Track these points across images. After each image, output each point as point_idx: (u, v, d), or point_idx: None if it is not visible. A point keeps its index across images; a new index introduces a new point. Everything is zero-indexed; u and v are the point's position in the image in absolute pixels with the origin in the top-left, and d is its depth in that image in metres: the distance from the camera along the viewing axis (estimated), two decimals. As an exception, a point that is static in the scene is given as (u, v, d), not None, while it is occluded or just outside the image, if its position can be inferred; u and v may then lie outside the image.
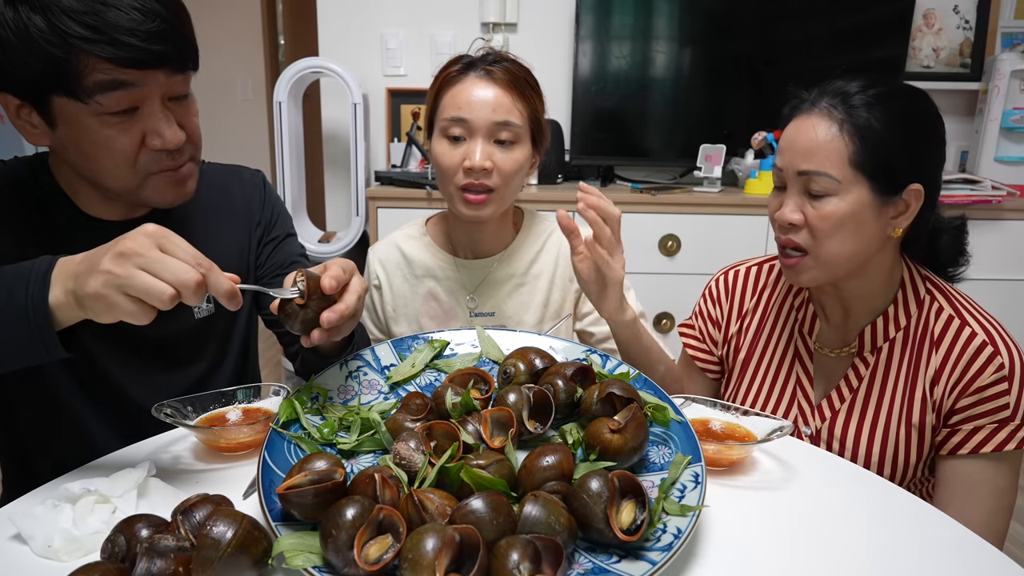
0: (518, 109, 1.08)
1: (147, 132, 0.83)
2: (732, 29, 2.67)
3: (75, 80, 0.76)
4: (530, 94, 1.11)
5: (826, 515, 0.71)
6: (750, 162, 2.58)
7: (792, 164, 0.93)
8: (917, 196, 0.92)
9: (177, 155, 0.87)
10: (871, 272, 0.97)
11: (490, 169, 1.08)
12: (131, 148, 0.83)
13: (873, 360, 0.99)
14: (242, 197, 1.09)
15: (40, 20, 0.74)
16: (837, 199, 0.90)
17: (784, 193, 0.96)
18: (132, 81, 0.79)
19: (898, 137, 0.89)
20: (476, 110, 1.07)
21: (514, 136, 1.09)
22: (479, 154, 1.07)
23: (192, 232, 0.99)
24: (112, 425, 0.96)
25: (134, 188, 0.87)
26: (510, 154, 1.09)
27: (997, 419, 0.90)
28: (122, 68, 0.77)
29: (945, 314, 0.96)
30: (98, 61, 0.76)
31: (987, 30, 2.73)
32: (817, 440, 1.02)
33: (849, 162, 0.89)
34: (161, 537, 0.55)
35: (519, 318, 1.20)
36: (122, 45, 0.76)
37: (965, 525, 0.90)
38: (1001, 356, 0.90)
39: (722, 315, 1.16)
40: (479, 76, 1.08)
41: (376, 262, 1.24)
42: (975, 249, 1.06)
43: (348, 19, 2.78)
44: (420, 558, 0.51)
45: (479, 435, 0.72)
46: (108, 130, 0.81)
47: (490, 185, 1.08)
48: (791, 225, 0.94)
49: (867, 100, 0.90)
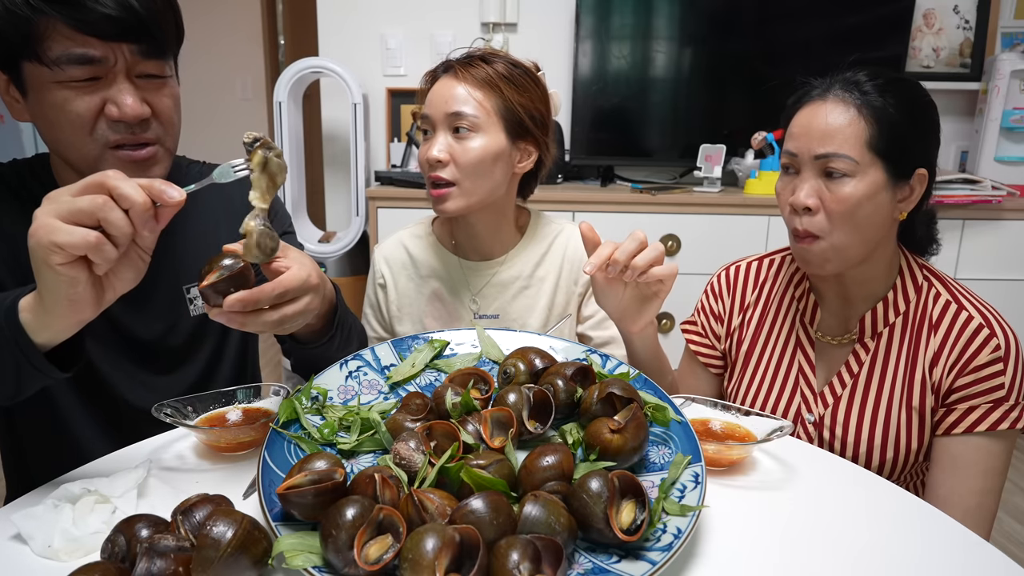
0: (475, 99, 1.07)
1: (107, 100, 0.83)
2: (732, 29, 2.67)
3: (40, 45, 0.78)
4: (499, 86, 1.09)
5: (826, 515, 0.71)
6: (750, 162, 2.58)
7: (808, 148, 0.94)
8: (922, 181, 0.95)
9: (138, 130, 0.85)
10: (875, 259, 0.99)
11: (446, 161, 1.08)
12: (88, 114, 0.82)
13: (873, 346, 1.01)
14: (240, 194, 1.09)
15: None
16: (855, 180, 0.92)
17: (796, 178, 0.97)
18: (98, 57, 0.80)
19: (909, 122, 0.93)
20: (436, 105, 1.09)
21: (470, 125, 1.08)
22: (434, 147, 1.08)
23: (187, 227, 0.98)
24: (109, 429, 0.96)
25: (92, 161, 0.85)
26: (466, 144, 1.08)
27: (992, 399, 0.93)
28: (84, 36, 0.78)
29: (943, 299, 0.99)
30: (62, 26, 0.77)
31: (987, 30, 2.73)
32: (820, 427, 1.04)
33: (867, 144, 0.91)
34: (161, 537, 0.55)
35: (523, 321, 1.19)
36: (84, 9, 0.76)
37: (955, 504, 0.91)
38: (997, 338, 0.93)
39: (724, 310, 1.17)
40: (449, 75, 1.10)
41: (382, 261, 1.24)
42: (975, 249, 1.08)
43: (348, 19, 2.78)
44: (420, 558, 0.51)
45: (479, 435, 0.72)
46: (67, 92, 0.81)
47: (447, 178, 1.08)
48: (807, 209, 0.95)
49: (879, 86, 0.93)
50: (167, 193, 0.63)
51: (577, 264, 1.20)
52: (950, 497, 0.94)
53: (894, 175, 0.93)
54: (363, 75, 2.76)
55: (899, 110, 0.92)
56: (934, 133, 0.98)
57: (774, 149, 2.50)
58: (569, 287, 1.20)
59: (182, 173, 1.04)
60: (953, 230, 2.43)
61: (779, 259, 1.15)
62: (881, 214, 0.94)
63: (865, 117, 0.91)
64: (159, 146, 0.89)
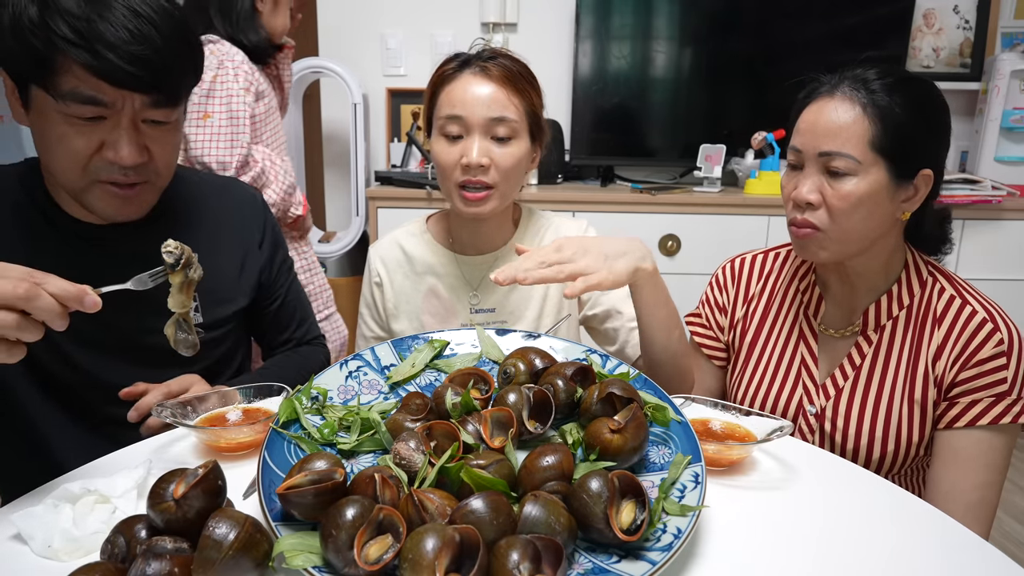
0: (514, 104, 1.08)
1: (106, 142, 0.83)
2: (732, 29, 2.67)
3: (51, 78, 0.78)
4: (526, 89, 1.10)
5: (826, 515, 0.71)
6: (750, 162, 2.58)
7: (813, 145, 0.95)
8: (927, 181, 0.96)
9: (131, 173, 0.86)
10: (875, 251, 1.00)
11: (487, 166, 1.07)
12: (85, 151, 0.83)
13: (876, 338, 1.02)
14: (243, 216, 1.11)
15: (34, 12, 0.76)
16: (856, 179, 0.93)
17: (800, 173, 0.98)
18: (106, 101, 0.80)
19: (916, 122, 0.93)
20: (471, 107, 1.06)
21: (511, 131, 1.08)
22: (476, 151, 1.06)
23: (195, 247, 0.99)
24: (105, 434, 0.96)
25: (78, 190, 0.87)
26: (507, 150, 1.09)
27: (995, 393, 0.94)
28: (96, 79, 0.78)
29: (947, 294, 0.99)
30: (75, 66, 0.77)
31: (987, 30, 2.73)
32: (822, 419, 1.05)
33: (870, 144, 0.92)
34: (159, 538, 0.55)
35: (520, 314, 1.20)
36: (100, 57, 0.77)
37: (957, 499, 0.92)
38: (1001, 333, 0.94)
39: (728, 301, 1.19)
40: (474, 73, 1.08)
41: (377, 259, 1.24)
42: (975, 249, 1.09)
43: (348, 19, 2.78)
44: (420, 558, 0.51)
45: (479, 435, 0.72)
46: (69, 128, 0.82)
47: (488, 182, 1.08)
48: (808, 204, 0.96)
49: (887, 85, 0.93)
50: (85, 301, 0.66)
51: None
52: (952, 492, 0.94)
53: (897, 175, 0.93)
54: (363, 75, 2.75)
55: (906, 110, 0.92)
56: (943, 134, 0.97)
57: (774, 149, 2.50)
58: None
59: (176, 185, 1.02)
60: (953, 230, 2.43)
61: (784, 252, 1.17)
62: (881, 212, 0.95)
63: (870, 116, 0.92)
64: (149, 184, 0.90)
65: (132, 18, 0.78)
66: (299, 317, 1.20)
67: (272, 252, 1.14)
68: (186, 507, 0.56)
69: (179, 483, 0.57)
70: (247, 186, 1.17)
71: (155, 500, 0.57)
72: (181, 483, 0.57)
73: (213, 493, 0.58)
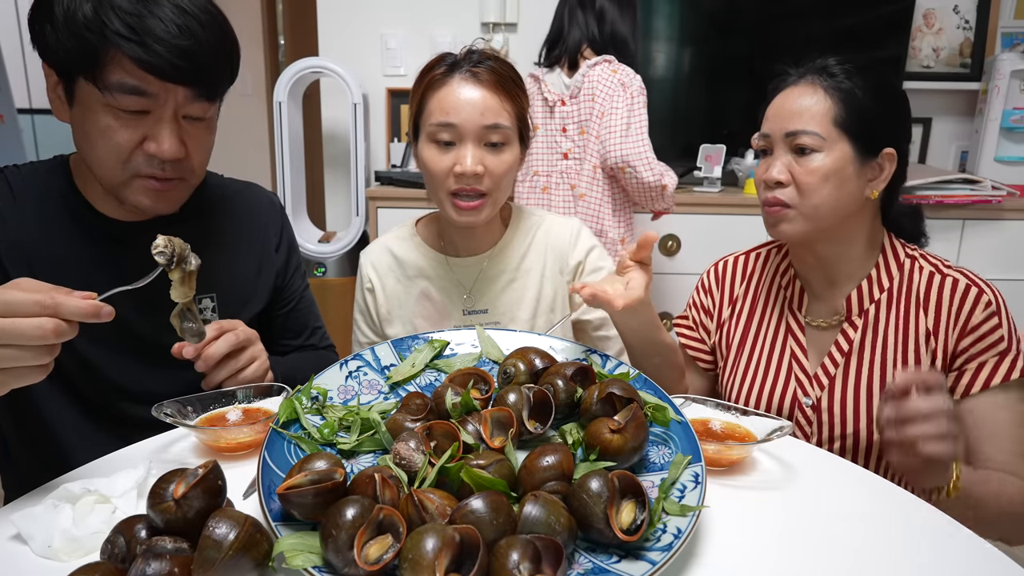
0: (506, 111, 1.06)
1: (148, 135, 0.86)
2: (732, 29, 2.67)
3: (100, 70, 0.81)
4: (517, 93, 1.09)
5: (826, 515, 0.71)
6: (750, 162, 2.58)
7: (780, 127, 1.02)
8: (891, 159, 1.01)
9: (169, 169, 0.89)
10: (851, 235, 1.04)
11: (481, 174, 1.06)
12: (128, 145, 0.86)
13: (861, 323, 1.05)
14: (262, 219, 1.12)
15: (89, 8, 0.80)
16: (822, 155, 0.99)
17: (771, 158, 1.04)
18: (151, 92, 0.84)
19: (876, 103, 0.99)
20: (464, 114, 1.04)
21: (504, 138, 1.07)
22: (470, 159, 1.04)
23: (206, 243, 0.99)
24: (107, 429, 0.96)
25: (117, 184, 0.89)
26: (501, 157, 1.07)
27: (996, 352, 0.97)
28: (143, 72, 0.82)
29: (926, 271, 1.03)
30: (124, 59, 0.81)
31: (987, 30, 2.73)
32: (819, 410, 1.06)
33: (833, 121, 0.98)
34: (159, 538, 0.55)
35: (513, 314, 1.19)
36: (149, 50, 0.81)
37: (1004, 460, 0.93)
38: (987, 294, 0.98)
39: (714, 304, 1.22)
40: (465, 78, 1.06)
41: (368, 265, 1.23)
42: (975, 249, 1.10)
43: (348, 19, 2.78)
44: (420, 558, 0.51)
45: (479, 435, 0.72)
46: (113, 120, 0.85)
47: (482, 189, 1.07)
48: (778, 183, 1.01)
49: (847, 71, 1.00)
50: (101, 314, 0.67)
51: (559, 253, 1.20)
52: (996, 455, 0.95)
53: (861, 151, 0.99)
54: (363, 75, 2.75)
55: (866, 92, 0.98)
56: (902, 116, 1.04)
57: (774, 149, 2.50)
58: (555, 277, 1.20)
59: (202, 186, 1.03)
60: (953, 230, 2.43)
61: (765, 251, 1.20)
62: (849, 189, 0.99)
63: (832, 97, 0.98)
64: (183, 181, 0.93)
65: (179, 15, 0.82)
66: (312, 325, 1.21)
67: (288, 256, 1.15)
68: (186, 507, 0.57)
69: (179, 483, 0.57)
70: (265, 190, 1.17)
71: (155, 500, 0.57)
72: (181, 483, 0.57)
73: (213, 493, 0.59)
